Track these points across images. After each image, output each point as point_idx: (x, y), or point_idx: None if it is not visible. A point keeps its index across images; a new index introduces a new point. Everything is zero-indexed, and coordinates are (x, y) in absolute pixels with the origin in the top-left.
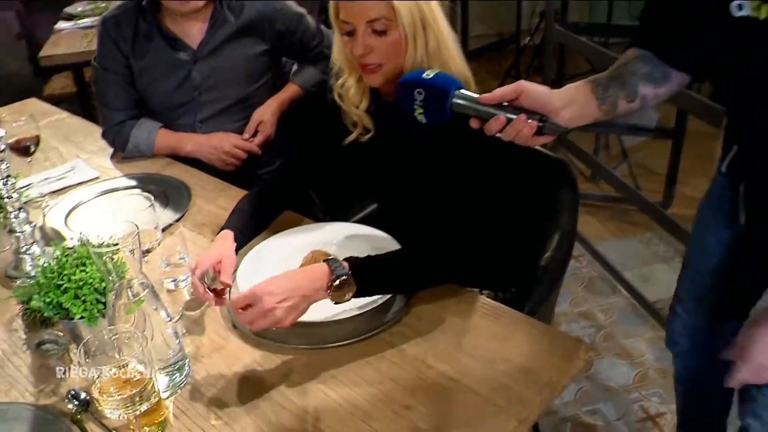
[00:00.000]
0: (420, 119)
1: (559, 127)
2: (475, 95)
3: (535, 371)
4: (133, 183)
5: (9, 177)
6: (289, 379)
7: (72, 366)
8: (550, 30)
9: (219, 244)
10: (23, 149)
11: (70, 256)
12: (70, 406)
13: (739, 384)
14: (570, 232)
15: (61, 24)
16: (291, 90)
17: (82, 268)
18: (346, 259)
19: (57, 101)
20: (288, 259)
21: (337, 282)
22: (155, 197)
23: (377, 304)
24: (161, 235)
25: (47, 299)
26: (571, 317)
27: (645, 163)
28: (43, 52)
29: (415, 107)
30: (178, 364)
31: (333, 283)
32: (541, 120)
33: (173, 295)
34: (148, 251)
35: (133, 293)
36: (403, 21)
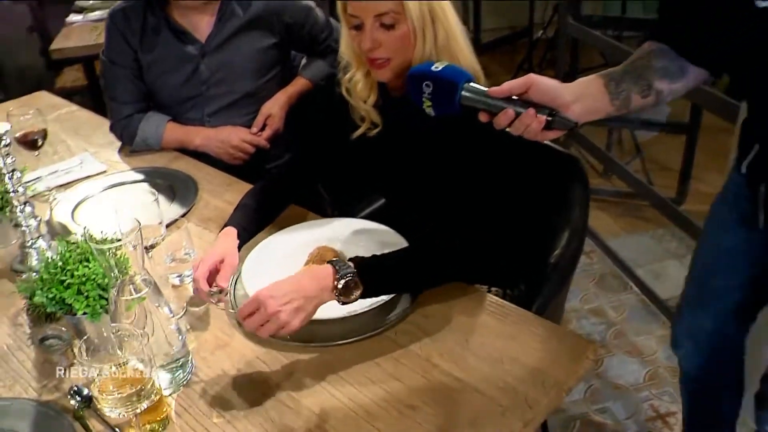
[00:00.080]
0: (429, 112)
1: (569, 122)
2: (484, 88)
3: (543, 371)
4: (140, 177)
5: (15, 171)
6: (293, 377)
7: (72, 366)
8: (563, 23)
9: (221, 242)
10: (30, 143)
11: (73, 251)
12: (72, 402)
13: None
14: (580, 228)
15: (73, 17)
16: (300, 84)
17: (85, 263)
18: (351, 259)
19: (69, 94)
20: (293, 255)
21: (343, 282)
22: (162, 191)
23: (383, 302)
24: (165, 231)
25: (50, 295)
26: (582, 314)
27: (658, 159)
28: (55, 45)
29: (424, 100)
30: (181, 360)
31: (338, 284)
32: (551, 114)
33: (178, 291)
34: (152, 247)
35: (136, 289)
36: (412, 15)
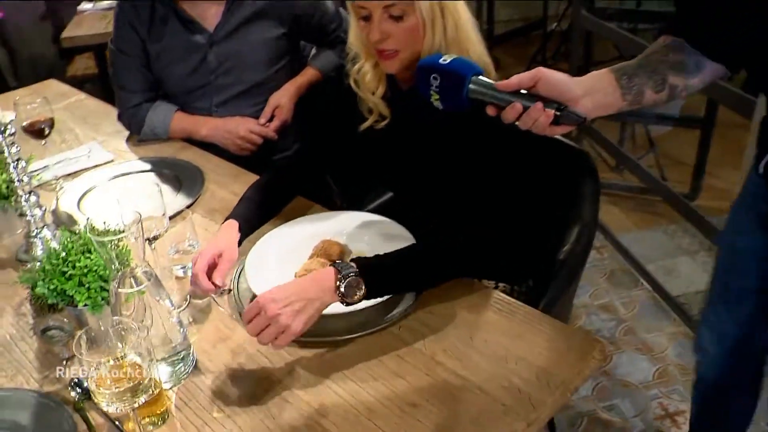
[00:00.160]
0: (436, 105)
1: (578, 117)
2: (492, 82)
3: (548, 371)
4: (147, 167)
5: (20, 160)
6: (295, 372)
7: (72, 359)
8: (577, 15)
9: (221, 236)
10: (37, 132)
11: (75, 242)
12: (73, 393)
13: None
14: (590, 224)
15: (84, 5)
16: (309, 74)
17: (87, 254)
18: (354, 260)
19: (80, 82)
20: (298, 249)
21: (345, 283)
22: (168, 182)
23: (387, 297)
24: (168, 222)
25: (51, 286)
26: (591, 310)
27: (672, 153)
28: (66, 33)
29: (432, 93)
30: (181, 353)
31: (340, 285)
32: (559, 109)
33: (182, 283)
34: (155, 238)
35: (137, 282)
36: (421, 6)
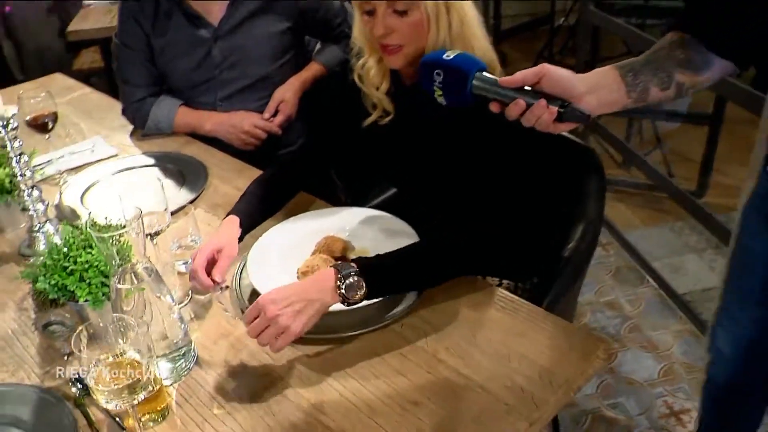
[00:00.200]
0: (440, 101)
1: (582, 114)
2: (496, 78)
3: (551, 370)
4: (151, 161)
5: (22, 154)
6: (296, 369)
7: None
8: (585, 10)
9: (221, 231)
10: (41, 126)
11: (77, 237)
12: (74, 389)
13: None
14: (595, 221)
15: None
16: (313, 69)
17: (88, 250)
18: (354, 260)
19: (86, 76)
20: (300, 245)
21: (346, 283)
22: (171, 176)
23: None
24: (170, 218)
25: (52, 281)
26: (597, 307)
27: (680, 150)
28: (71, 27)
29: (435, 89)
30: (182, 349)
31: (341, 285)
32: (562, 106)
33: (184, 278)
34: (157, 234)
35: (137, 278)
36: (426, 1)
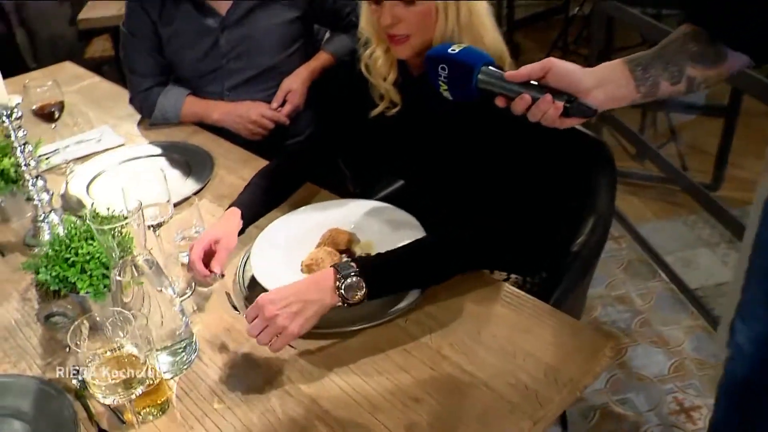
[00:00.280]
0: (446, 96)
1: (589, 109)
2: (502, 72)
3: (557, 368)
4: (157, 151)
5: (26, 144)
6: (298, 364)
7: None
8: (599, 0)
9: (221, 223)
10: (48, 115)
11: (79, 228)
12: (74, 381)
13: None
14: (606, 215)
15: None
16: (322, 59)
17: (90, 241)
18: (354, 259)
19: (97, 64)
20: (305, 237)
21: (345, 284)
22: (178, 166)
23: None
24: (173, 210)
25: (54, 273)
26: (607, 301)
27: (695, 142)
28: (82, 14)
29: (440, 83)
30: (184, 342)
31: (340, 285)
32: (569, 101)
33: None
34: (159, 225)
35: (138, 270)
36: None
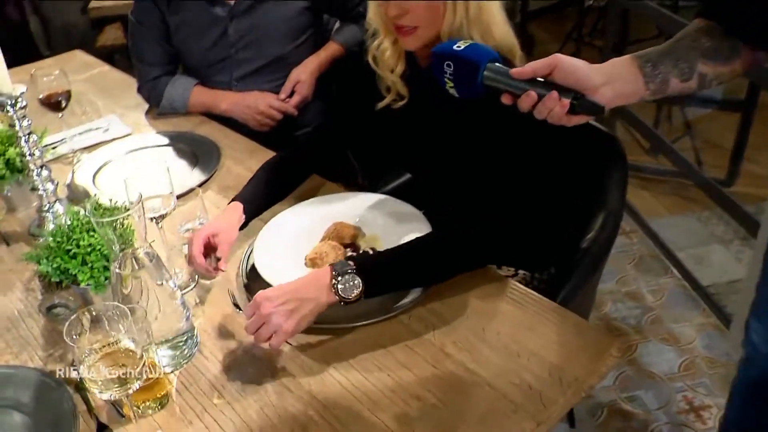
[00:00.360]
0: (452, 93)
1: (596, 107)
2: (507, 69)
3: (561, 368)
4: (164, 141)
5: (31, 134)
6: (299, 360)
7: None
8: None
9: (221, 216)
10: (54, 104)
11: (80, 220)
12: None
13: None
14: (617, 211)
15: None
16: (331, 49)
17: (91, 233)
18: (353, 258)
19: (109, 52)
20: (309, 231)
21: (341, 282)
22: (184, 157)
23: None
24: (176, 201)
25: (54, 264)
26: (617, 297)
27: (711, 137)
28: (93, 3)
29: (446, 81)
30: (185, 336)
31: (336, 283)
32: (575, 98)
33: None
34: (162, 217)
35: (138, 263)
36: None
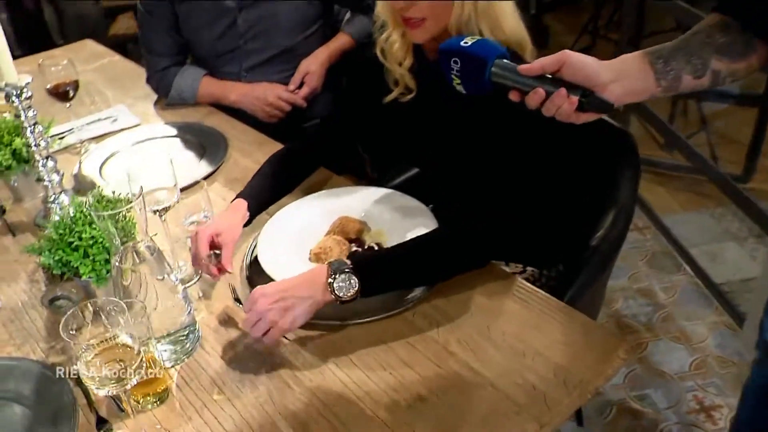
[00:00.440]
0: (459, 90)
1: (605, 104)
2: (515, 65)
3: (567, 369)
4: (172, 132)
5: (37, 124)
6: (300, 356)
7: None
8: None
9: (224, 215)
10: (62, 94)
11: (84, 212)
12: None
13: None
14: (628, 208)
15: None
16: (341, 41)
17: (93, 225)
18: (351, 256)
19: (122, 41)
20: (314, 225)
21: (338, 281)
22: (192, 148)
23: None
24: (179, 194)
25: (56, 257)
26: (629, 293)
27: (727, 132)
28: None
29: (453, 77)
30: (187, 329)
31: (332, 281)
32: (584, 95)
33: None
34: (166, 210)
35: (139, 256)
36: None
